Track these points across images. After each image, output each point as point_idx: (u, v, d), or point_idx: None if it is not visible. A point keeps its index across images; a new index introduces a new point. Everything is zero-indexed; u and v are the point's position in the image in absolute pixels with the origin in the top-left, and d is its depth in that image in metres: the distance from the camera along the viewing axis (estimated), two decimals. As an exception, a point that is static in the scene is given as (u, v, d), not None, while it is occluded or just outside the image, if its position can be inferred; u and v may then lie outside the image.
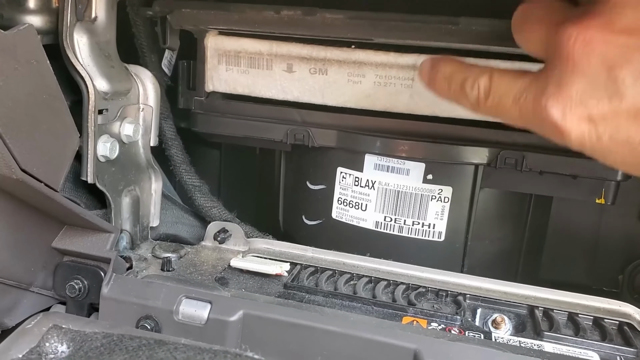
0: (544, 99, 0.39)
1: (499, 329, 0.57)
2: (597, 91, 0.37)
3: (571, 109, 0.38)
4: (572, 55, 0.37)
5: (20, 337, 0.42)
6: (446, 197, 0.65)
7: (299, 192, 0.74)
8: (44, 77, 0.48)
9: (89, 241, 0.57)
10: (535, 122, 0.41)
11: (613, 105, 0.37)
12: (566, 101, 0.38)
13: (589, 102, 0.37)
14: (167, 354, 0.39)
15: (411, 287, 0.61)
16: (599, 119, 0.37)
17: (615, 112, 0.37)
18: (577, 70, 0.37)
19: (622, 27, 0.36)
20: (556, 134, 0.40)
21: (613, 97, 0.36)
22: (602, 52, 0.36)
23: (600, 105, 0.37)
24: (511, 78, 0.42)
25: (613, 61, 0.36)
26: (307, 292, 0.60)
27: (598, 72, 0.37)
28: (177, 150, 0.70)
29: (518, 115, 0.42)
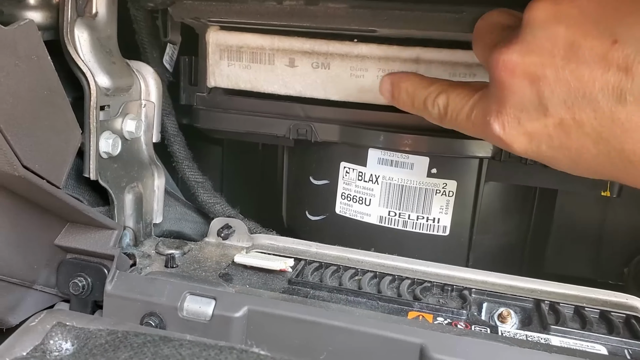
0: (487, 116, 0.44)
1: (505, 323, 0.56)
2: (525, 107, 0.42)
3: (509, 124, 0.43)
4: (500, 78, 0.42)
5: (24, 335, 0.42)
6: (451, 191, 0.64)
7: (302, 188, 0.74)
8: (45, 72, 0.48)
9: (92, 238, 0.57)
10: (485, 136, 0.46)
11: (540, 118, 0.41)
12: (504, 118, 0.43)
13: (521, 118, 0.42)
14: (172, 350, 0.38)
15: (416, 281, 0.61)
16: (533, 132, 0.42)
17: (544, 124, 0.41)
18: (507, 90, 0.42)
19: (536, 47, 0.40)
20: (504, 146, 0.45)
21: (539, 110, 0.41)
22: (522, 72, 0.41)
23: (531, 119, 0.42)
24: (464, 96, 0.48)
25: (532, 78, 0.41)
26: (311, 287, 0.59)
27: (523, 90, 0.41)
28: (179, 147, 0.70)
29: (472, 130, 0.47)
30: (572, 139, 0.40)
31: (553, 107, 0.40)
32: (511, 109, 0.42)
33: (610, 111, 0.38)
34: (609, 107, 0.38)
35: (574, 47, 0.39)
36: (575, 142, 0.40)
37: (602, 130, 0.39)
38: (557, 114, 0.40)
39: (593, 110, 0.38)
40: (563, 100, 0.40)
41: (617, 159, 0.39)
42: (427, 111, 0.51)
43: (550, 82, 0.40)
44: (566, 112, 0.40)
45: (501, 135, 0.44)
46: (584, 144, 0.40)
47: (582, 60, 0.38)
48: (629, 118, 0.37)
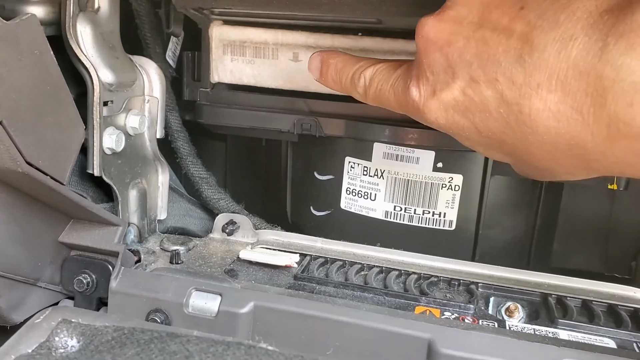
0: (409, 81, 0.45)
1: (512, 317, 0.56)
2: (438, 73, 0.43)
3: (425, 89, 0.44)
4: (419, 45, 0.44)
5: (29, 332, 0.42)
6: (457, 185, 0.64)
7: (306, 183, 0.74)
8: (48, 68, 0.48)
9: (96, 235, 0.56)
10: (405, 105, 0.46)
11: (449, 82, 0.42)
12: (421, 83, 0.44)
13: (435, 83, 0.43)
14: (179, 346, 0.38)
15: (423, 276, 0.60)
16: (443, 97, 0.43)
17: (452, 88, 0.42)
18: (423, 57, 0.44)
19: (452, 14, 0.42)
20: (418, 114, 0.46)
21: (448, 75, 0.42)
22: (435, 37, 0.43)
23: (442, 84, 0.43)
24: (391, 68, 0.48)
25: (443, 43, 0.42)
26: (317, 283, 0.59)
27: (435, 55, 0.43)
28: (183, 143, 0.70)
29: (394, 100, 0.48)
30: (476, 103, 0.41)
31: (460, 70, 0.41)
32: (427, 74, 0.44)
33: (511, 73, 0.38)
34: (510, 69, 0.38)
35: (486, 13, 0.40)
36: (478, 106, 0.41)
37: (502, 92, 0.39)
38: (462, 77, 0.41)
39: (495, 72, 0.39)
40: (469, 63, 0.41)
41: (514, 123, 0.40)
42: (353, 87, 0.51)
43: (460, 47, 0.41)
44: (471, 74, 0.41)
45: (417, 100, 0.44)
46: (486, 107, 0.41)
47: (491, 26, 0.40)
48: (527, 81, 0.38)
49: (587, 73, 0.35)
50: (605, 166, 0.38)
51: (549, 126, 0.38)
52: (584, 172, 0.41)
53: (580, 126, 0.36)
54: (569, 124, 0.37)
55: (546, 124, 0.38)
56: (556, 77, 0.36)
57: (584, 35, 0.35)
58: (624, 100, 0.34)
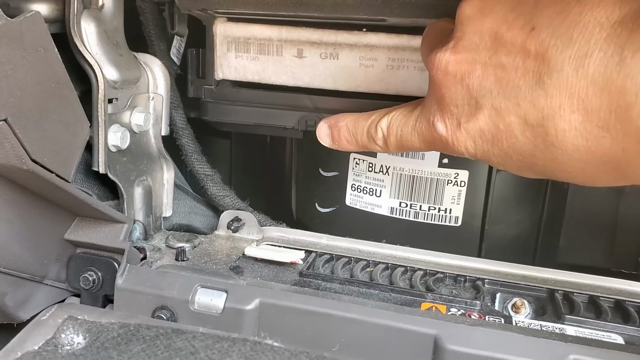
0: (431, 117, 0.45)
1: (519, 313, 0.56)
2: (461, 104, 0.43)
3: (451, 122, 0.44)
4: (436, 78, 0.44)
5: (35, 329, 0.42)
6: (462, 181, 0.64)
7: (311, 180, 0.73)
8: (52, 65, 0.47)
9: (101, 232, 0.56)
10: (432, 142, 0.46)
11: (473, 112, 0.42)
12: (445, 117, 0.44)
13: (459, 115, 0.43)
14: (185, 342, 0.38)
15: (429, 272, 0.60)
16: (469, 128, 0.43)
17: (477, 118, 0.42)
18: (444, 89, 0.43)
19: (466, 43, 0.42)
20: (449, 148, 0.45)
21: (471, 105, 0.42)
22: (454, 69, 0.42)
23: (467, 115, 0.42)
24: (406, 112, 0.49)
25: (462, 74, 0.42)
26: (323, 279, 0.59)
27: (456, 87, 0.42)
28: (188, 140, 0.69)
29: (418, 140, 0.48)
30: (501, 130, 0.41)
31: (482, 99, 0.41)
32: (449, 107, 0.43)
33: (532, 96, 0.38)
34: (530, 92, 0.38)
35: (498, 38, 0.40)
36: (504, 133, 0.41)
37: (525, 117, 0.39)
38: (485, 105, 0.41)
39: (515, 97, 0.39)
40: (490, 91, 0.41)
41: (542, 146, 0.39)
42: (371, 141, 0.52)
43: (479, 75, 0.41)
44: (493, 102, 0.41)
45: (444, 134, 0.44)
46: (512, 133, 0.40)
47: (505, 50, 0.40)
48: (549, 102, 0.37)
49: (607, 89, 0.35)
50: None
51: (578, 145, 0.37)
52: (622, 182, 0.40)
53: (610, 143, 0.36)
54: (598, 142, 0.36)
55: (575, 143, 0.37)
56: (577, 96, 0.36)
57: (599, 50, 0.35)
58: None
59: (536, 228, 0.68)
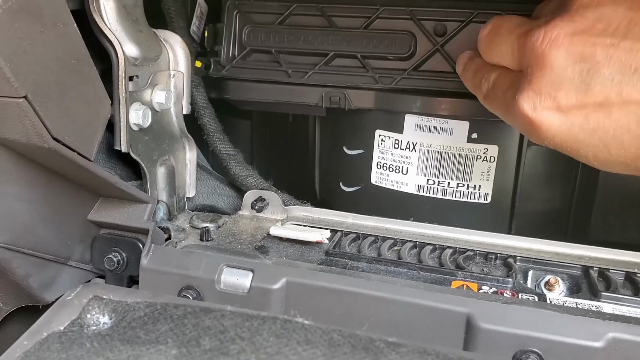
0: (518, 94, 0.43)
1: (552, 290, 0.54)
2: (564, 84, 0.40)
3: (541, 102, 0.42)
4: (542, 53, 0.41)
5: (61, 309, 0.41)
6: (492, 156, 0.62)
7: (335, 158, 0.72)
8: (72, 41, 0.46)
9: (125, 212, 0.56)
10: (511, 115, 0.45)
11: (580, 96, 0.40)
12: (536, 95, 0.42)
13: (557, 95, 0.41)
14: (214, 321, 0.37)
15: (458, 250, 0.59)
16: (568, 110, 0.41)
17: (583, 103, 0.40)
18: (546, 66, 0.41)
19: (584, 27, 0.40)
20: (529, 128, 0.43)
21: (580, 89, 0.40)
22: (567, 48, 0.40)
23: (569, 97, 0.40)
24: (508, 75, 0.47)
25: (577, 56, 0.40)
26: (349, 258, 0.58)
27: (564, 66, 0.40)
28: (209, 119, 0.68)
29: (503, 109, 0.47)
30: (613, 119, 0.39)
31: (597, 85, 0.39)
32: (547, 87, 0.41)
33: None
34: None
35: (632, 24, 0.39)
36: (615, 122, 0.39)
37: None
38: (601, 92, 0.39)
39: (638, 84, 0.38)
40: (610, 78, 0.39)
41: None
42: (479, 87, 0.51)
43: (599, 60, 0.39)
44: (612, 89, 0.39)
45: (529, 113, 0.42)
46: (625, 123, 0.39)
47: (636, 35, 0.38)
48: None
49: None
50: None
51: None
52: None
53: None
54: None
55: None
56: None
57: None
58: None
59: (568, 204, 0.67)
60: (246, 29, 0.65)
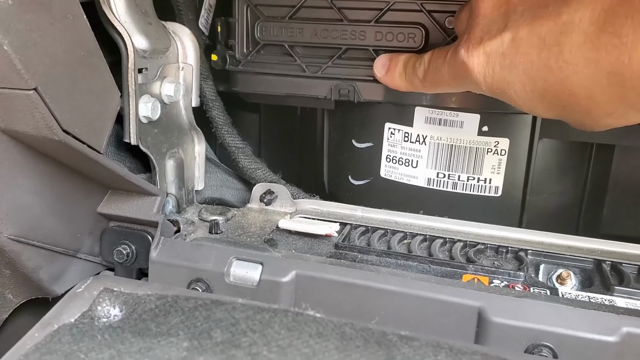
0: (458, 47, 0.47)
1: (564, 284, 0.54)
2: (490, 28, 0.44)
3: (473, 47, 0.45)
4: (476, 5, 0.46)
5: (71, 302, 0.41)
6: (503, 149, 0.61)
7: (344, 152, 0.72)
8: (81, 32, 0.46)
9: (134, 205, 0.56)
10: (456, 71, 0.48)
11: (498, 35, 0.43)
12: (470, 42, 0.46)
13: (484, 39, 0.44)
14: (225, 314, 0.37)
15: (469, 244, 0.58)
16: (490, 51, 0.44)
17: (501, 41, 0.43)
18: (480, 15, 0.45)
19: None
20: (466, 76, 0.46)
21: (500, 28, 0.44)
22: None
23: (491, 38, 0.44)
24: (447, 47, 0.50)
25: (501, 1, 0.44)
26: (359, 251, 0.57)
27: (491, 11, 0.44)
28: (218, 112, 0.68)
29: (448, 72, 0.49)
30: (521, 53, 0.42)
31: (512, 22, 0.43)
32: (478, 32, 0.45)
33: (557, 13, 0.40)
34: (556, 10, 0.40)
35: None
36: (522, 57, 0.42)
37: (545, 37, 0.41)
38: (513, 27, 0.43)
39: (541, 17, 0.41)
40: (521, 13, 0.42)
41: (555, 65, 0.40)
42: (415, 74, 0.54)
43: (515, 1, 0.43)
44: (521, 24, 0.42)
45: (464, 59, 0.46)
46: (529, 57, 0.42)
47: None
48: (571, 17, 0.39)
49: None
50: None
51: (589, 57, 0.39)
52: (622, 109, 0.41)
53: (619, 51, 0.37)
54: (608, 51, 0.37)
55: (587, 56, 0.39)
56: (600, 8, 0.38)
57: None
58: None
59: (579, 198, 0.66)
60: (258, 24, 0.64)
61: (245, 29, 0.67)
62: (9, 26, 0.39)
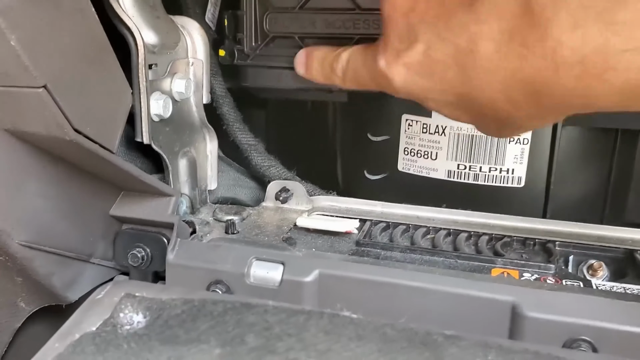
0: (377, 55, 0.46)
1: (596, 275, 0.52)
2: (402, 38, 0.44)
3: (393, 59, 0.44)
4: (385, 14, 0.45)
5: (91, 309, 0.39)
6: (525, 138, 0.59)
7: (359, 146, 0.70)
8: (91, 28, 0.44)
9: (148, 207, 0.54)
10: (376, 77, 0.47)
11: (412, 45, 0.43)
12: (387, 51, 0.45)
13: (401, 50, 0.44)
14: (257, 317, 0.35)
15: (495, 237, 0.56)
16: (408, 62, 0.43)
17: (415, 51, 0.43)
18: (389, 25, 0.45)
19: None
20: (387, 84, 0.46)
21: (411, 39, 0.43)
22: (400, 5, 0.43)
23: (409, 51, 0.43)
24: (365, 49, 0.49)
25: (407, 9, 0.43)
26: (382, 248, 0.56)
27: (399, 22, 0.44)
28: (229, 109, 0.66)
29: (368, 76, 0.48)
30: (436, 61, 0.42)
31: (421, 32, 0.42)
32: (394, 41, 0.44)
33: (466, 20, 0.39)
34: (464, 18, 0.39)
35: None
36: (439, 64, 0.42)
37: (458, 43, 0.40)
38: (423, 37, 0.42)
39: (451, 25, 0.40)
40: (429, 24, 0.42)
41: (471, 71, 0.40)
42: (334, 72, 0.52)
43: (422, 9, 0.42)
44: (431, 33, 0.42)
45: (384, 69, 0.45)
46: (445, 62, 0.41)
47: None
48: (479, 27, 0.38)
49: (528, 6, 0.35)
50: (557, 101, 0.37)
51: (499, 66, 0.38)
52: (539, 113, 0.40)
53: (527, 60, 0.37)
54: (520, 62, 0.37)
55: (499, 65, 0.38)
56: (503, 16, 0.37)
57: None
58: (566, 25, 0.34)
59: (604, 186, 0.64)
60: (267, 16, 0.62)
61: (253, 21, 0.64)
62: (16, 21, 0.37)
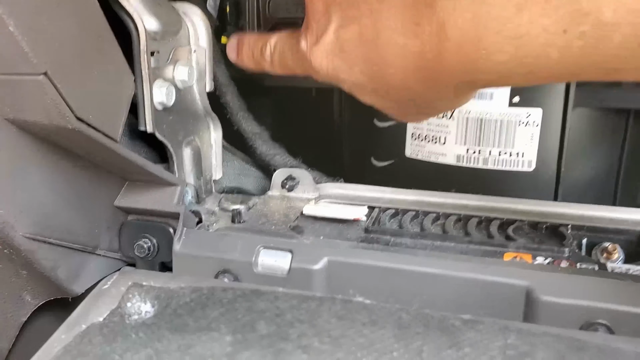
0: (300, 39, 0.46)
1: (611, 258, 0.51)
2: (320, 22, 0.44)
3: (313, 43, 0.45)
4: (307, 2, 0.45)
5: (98, 299, 0.38)
6: (535, 121, 0.58)
7: (365, 132, 0.69)
8: (91, 14, 0.43)
9: (153, 197, 0.53)
10: (301, 62, 0.47)
11: (328, 27, 0.43)
12: (308, 34, 0.45)
13: (319, 34, 0.44)
14: (267, 304, 0.34)
15: (506, 221, 0.55)
16: (325, 43, 0.43)
17: (330, 32, 0.43)
18: (310, 10, 0.45)
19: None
20: (309, 67, 0.46)
21: (327, 21, 0.43)
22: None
23: (323, 32, 0.43)
24: (291, 33, 0.49)
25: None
26: (391, 234, 0.55)
27: (318, 4, 0.44)
28: (233, 97, 0.65)
29: (292, 60, 0.49)
30: (347, 41, 0.42)
31: (334, 12, 0.43)
32: (311, 23, 0.45)
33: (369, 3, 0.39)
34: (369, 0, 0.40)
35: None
36: (349, 44, 0.42)
37: (363, 23, 0.40)
38: (335, 19, 0.42)
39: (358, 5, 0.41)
40: (340, 4, 0.42)
41: (374, 54, 0.40)
42: (263, 57, 0.53)
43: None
44: (341, 14, 0.42)
45: (306, 52, 0.45)
46: (354, 43, 0.41)
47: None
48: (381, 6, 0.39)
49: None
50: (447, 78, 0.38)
51: (399, 44, 0.38)
52: (444, 94, 0.41)
53: (420, 38, 0.37)
54: (415, 38, 0.37)
55: (398, 42, 0.38)
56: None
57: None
58: (450, 5, 0.34)
59: (616, 168, 0.63)
60: (269, 1, 0.61)
61: (256, 7, 0.64)
62: (15, 7, 0.36)
